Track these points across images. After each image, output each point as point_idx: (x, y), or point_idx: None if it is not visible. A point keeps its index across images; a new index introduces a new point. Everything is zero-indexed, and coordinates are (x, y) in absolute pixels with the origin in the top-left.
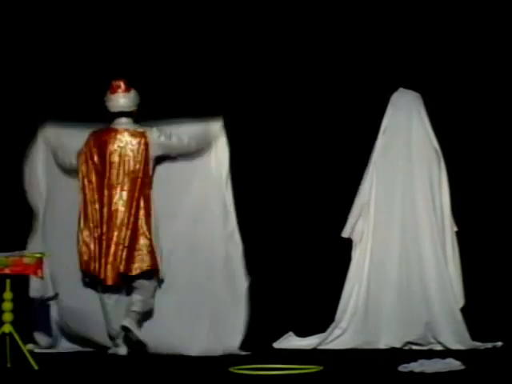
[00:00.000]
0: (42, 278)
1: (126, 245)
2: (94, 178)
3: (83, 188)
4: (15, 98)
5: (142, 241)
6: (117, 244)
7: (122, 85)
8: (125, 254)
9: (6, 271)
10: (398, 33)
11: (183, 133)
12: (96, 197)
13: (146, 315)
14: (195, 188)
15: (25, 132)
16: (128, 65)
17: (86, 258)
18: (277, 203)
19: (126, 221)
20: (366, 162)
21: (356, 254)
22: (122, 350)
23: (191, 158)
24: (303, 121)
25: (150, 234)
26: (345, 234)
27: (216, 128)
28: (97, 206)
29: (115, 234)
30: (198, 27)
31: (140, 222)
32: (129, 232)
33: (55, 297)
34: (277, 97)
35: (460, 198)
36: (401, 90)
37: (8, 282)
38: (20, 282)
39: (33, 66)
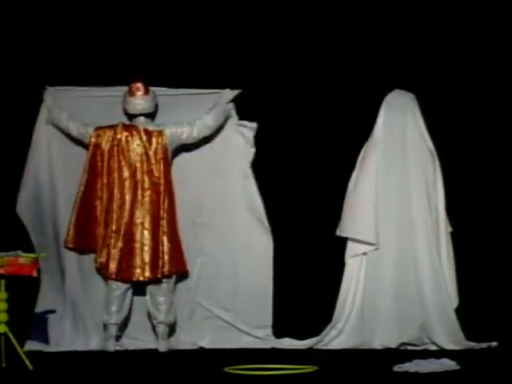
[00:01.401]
0: (37, 278)
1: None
2: (108, 169)
3: (93, 166)
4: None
5: (167, 243)
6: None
7: (141, 87)
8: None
9: (1, 271)
10: (393, 33)
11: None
12: (105, 190)
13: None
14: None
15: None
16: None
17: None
18: (273, 204)
19: (149, 220)
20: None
21: (351, 255)
22: (111, 346)
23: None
24: (298, 121)
25: (174, 234)
26: (373, 239)
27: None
28: (105, 197)
29: (138, 232)
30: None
31: (163, 222)
32: (154, 232)
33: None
34: (273, 97)
35: (455, 198)
36: (395, 90)
37: (3, 282)
38: (16, 283)
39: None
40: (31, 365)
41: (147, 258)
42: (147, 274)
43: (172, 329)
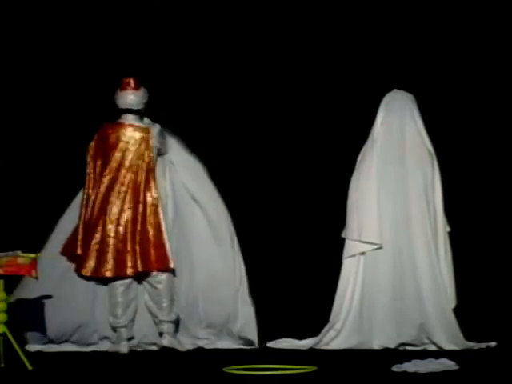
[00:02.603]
0: (36, 278)
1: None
2: (98, 170)
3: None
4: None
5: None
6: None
7: (132, 82)
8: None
9: (0, 271)
10: (392, 34)
11: None
12: (95, 188)
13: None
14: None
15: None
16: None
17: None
18: (272, 204)
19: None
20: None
21: (349, 255)
22: (124, 348)
23: None
24: (297, 121)
25: (158, 227)
26: (377, 240)
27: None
28: (96, 195)
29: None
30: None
31: (141, 217)
32: (135, 226)
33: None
34: (272, 97)
35: (453, 198)
36: (394, 90)
37: (2, 282)
38: (14, 283)
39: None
40: (30, 365)
41: (129, 255)
42: (132, 269)
43: (176, 326)
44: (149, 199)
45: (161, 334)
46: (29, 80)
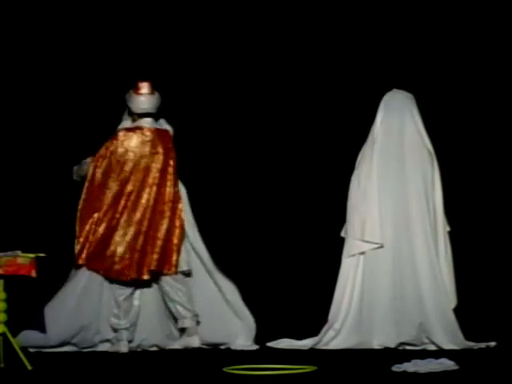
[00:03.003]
0: (35, 278)
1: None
2: (122, 177)
3: (93, 177)
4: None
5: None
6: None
7: (147, 87)
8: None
9: (0, 271)
10: (392, 33)
11: None
12: (110, 190)
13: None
14: None
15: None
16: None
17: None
18: (272, 203)
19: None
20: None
21: (349, 255)
22: (124, 347)
23: None
24: (297, 121)
25: (179, 230)
26: (379, 239)
27: None
28: (109, 196)
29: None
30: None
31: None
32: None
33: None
34: (270, 99)
35: (453, 198)
36: (394, 90)
37: (2, 282)
38: (14, 282)
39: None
40: (30, 365)
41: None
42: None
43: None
44: (176, 201)
45: (181, 331)
46: (34, 82)
